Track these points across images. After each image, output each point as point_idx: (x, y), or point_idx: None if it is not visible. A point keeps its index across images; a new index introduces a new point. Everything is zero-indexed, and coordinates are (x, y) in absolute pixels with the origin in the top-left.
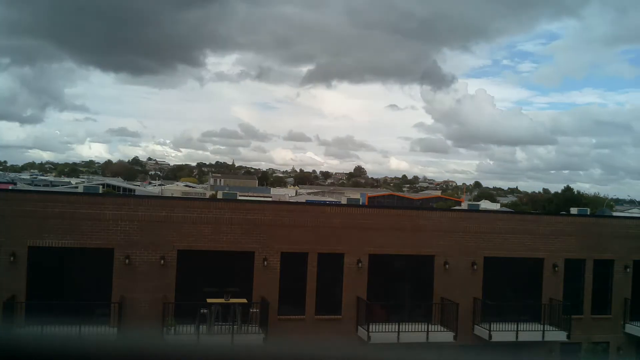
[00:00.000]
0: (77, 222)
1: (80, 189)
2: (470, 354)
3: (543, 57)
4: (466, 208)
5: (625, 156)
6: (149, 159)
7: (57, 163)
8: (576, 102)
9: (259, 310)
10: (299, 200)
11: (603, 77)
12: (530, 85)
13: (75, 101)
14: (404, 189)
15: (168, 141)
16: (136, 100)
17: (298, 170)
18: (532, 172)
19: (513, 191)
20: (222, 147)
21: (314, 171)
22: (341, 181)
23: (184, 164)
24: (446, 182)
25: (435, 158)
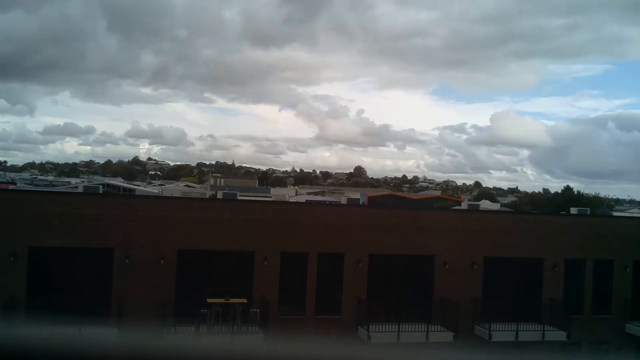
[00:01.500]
0: (77, 222)
1: (80, 189)
2: (471, 354)
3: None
4: (466, 208)
5: None
6: (149, 159)
7: (57, 163)
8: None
9: (259, 310)
10: (299, 200)
11: None
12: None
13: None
14: (404, 188)
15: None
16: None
17: (298, 170)
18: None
19: (513, 191)
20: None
21: (314, 171)
22: (341, 181)
23: (184, 163)
24: (446, 182)
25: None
